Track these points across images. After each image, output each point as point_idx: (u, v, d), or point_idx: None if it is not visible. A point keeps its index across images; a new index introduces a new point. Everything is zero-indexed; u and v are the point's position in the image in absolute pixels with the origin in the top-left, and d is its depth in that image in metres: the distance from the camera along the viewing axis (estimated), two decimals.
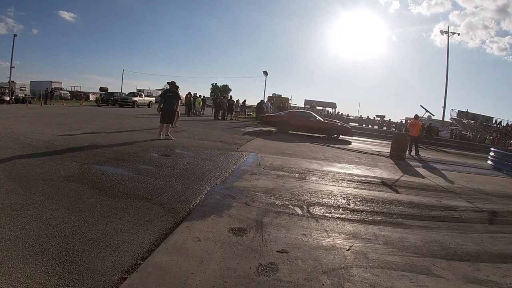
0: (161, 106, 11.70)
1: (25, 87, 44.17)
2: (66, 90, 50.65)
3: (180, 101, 14.23)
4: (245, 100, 36.69)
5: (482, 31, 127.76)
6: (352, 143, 17.95)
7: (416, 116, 16.19)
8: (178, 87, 12.46)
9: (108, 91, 50.32)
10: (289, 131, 19.17)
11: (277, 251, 3.59)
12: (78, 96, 47.99)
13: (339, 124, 20.47)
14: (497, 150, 16.27)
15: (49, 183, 5.28)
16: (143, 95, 41.96)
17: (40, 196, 4.62)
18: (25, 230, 3.53)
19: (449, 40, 48.65)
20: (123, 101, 36.42)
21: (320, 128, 19.24)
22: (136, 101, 36.60)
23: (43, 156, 7.11)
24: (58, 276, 2.76)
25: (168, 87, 12.20)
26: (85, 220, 3.94)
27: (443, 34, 49.15)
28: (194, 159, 8.29)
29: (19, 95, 36.14)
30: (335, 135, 18.95)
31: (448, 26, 55.27)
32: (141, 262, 3.10)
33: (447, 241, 4.57)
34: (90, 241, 3.42)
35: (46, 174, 5.74)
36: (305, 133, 19.33)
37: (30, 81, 48.90)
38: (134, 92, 42.86)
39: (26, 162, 6.48)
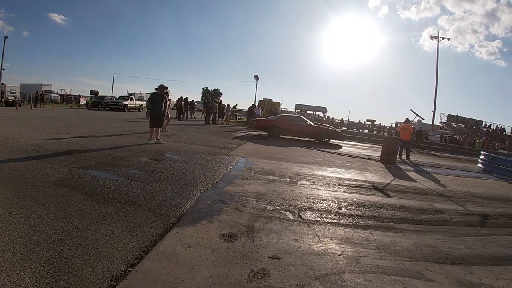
0: (150, 111, 11.59)
1: (15, 90, 43.70)
2: (57, 93, 50.40)
3: (169, 104, 14.25)
4: (236, 105, 36.86)
5: (471, 36, 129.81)
6: (343, 147, 18.04)
7: (407, 120, 16.31)
8: (167, 88, 12.37)
9: (99, 94, 50.21)
10: (280, 136, 19.19)
11: (268, 257, 3.56)
12: (69, 100, 47.77)
13: (329, 128, 20.54)
14: (487, 153, 16.40)
15: (37, 188, 5.21)
16: (134, 98, 41.81)
17: (28, 201, 4.54)
18: (13, 236, 3.46)
19: (438, 45, 49.10)
20: (114, 104, 36.32)
21: (311, 132, 19.32)
22: (127, 104, 36.48)
23: (32, 160, 7.03)
24: (46, 283, 2.71)
25: (154, 92, 12.03)
26: (74, 226, 3.88)
27: (432, 39, 49.61)
28: (184, 164, 8.25)
29: (9, 98, 35.81)
30: (326, 139, 19.03)
31: (438, 32, 55.78)
32: (131, 269, 3.05)
33: (439, 244, 4.57)
34: (78, 247, 3.36)
35: (35, 179, 5.67)
36: (296, 138, 19.39)
37: (21, 84, 48.55)
38: (124, 96, 42.68)
39: (14, 166, 6.41)
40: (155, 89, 12.02)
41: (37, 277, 2.79)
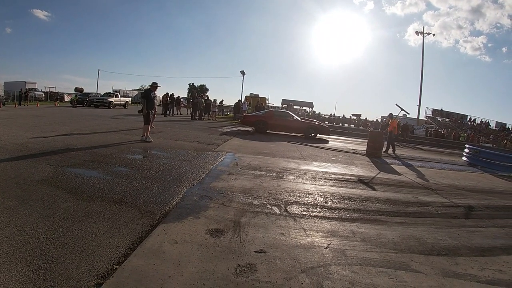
0: (146, 107, 11.48)
1: None
2: (41, 91, 49.58)
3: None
4: (222, 100, 36.84)
5: (456, 31, 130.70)
6: (329, 142, 18.10)
7: (391, 115, 16.38)
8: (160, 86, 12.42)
9: (84, 91, 49.61)
10: (267, 131, 19.18)
11: (255, 252, 3.58)
12: (53, 97, 47.10)
13: (316, 123, 20.62)
14: (472, 146, 16.64)
15: (22, 187, 5.16)
16: (119, 95, 41.42)
17: (13, 201, 4.49)
18: None
19: (424, 40, 49.56)
20: (99, 101, 35.81)
21: (298, 127, 19.36)
22: (112, 101, 36.01)
23: (16, 159, 6.94)
24: (33, 283, 2.70)
25: (148, 88, 12.11)
26: (60, 224, 3.86)
27: (418, 35, 50.11)
28: (170, 160, 8.21)
29: None
30: (312, 134, 19.08)
31: (423, 27, 56.51)
32: (117, 266, 3.04)
33: (425, 236, 4.64)
34: (64, 246, 3.35)
35: (19, 178, 5.60)
36: (283, 133, 19.42)
37: (4, 82, 47.55)
38: (109, 93, 42.13)
39: None
40: (149, 86, 12.19)
41: (24, 277, 2.77)
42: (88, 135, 11.65)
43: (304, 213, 5.13)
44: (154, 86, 12.07)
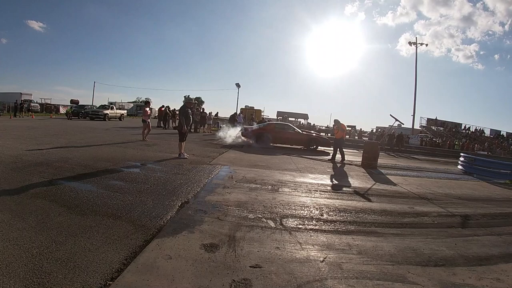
0: (185, 124, 11.36)
1: None
2: (36, 102, 49.54)
3: (150, 113, 14.15)
4: (217, 113, 36.99)
5: (448, 40, 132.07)
6: (326, 154, 18.04)
7: (337, 122, 15.97)
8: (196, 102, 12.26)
9: (79, 103, 49.58)
10: (270, 144, 19.04)
11: (250, 266, 3.54)
12: (48, 109, 47.03)
13: (314, 135, 20.63)
14: (467, 155, 16.73)
15: (16, 200, 5.12)
16: (115, 108, 41.48)
17: (7, 214, 4.46)
18: None
19: (417, 51, 49.99)
20: (94, 114, 35.98)
21: (299, 139, 19.41)
22: (108, 114, 36.14)
23: (10, 171, 6.91)
24: None
25: (184, 105, 11.80)
26: (53, 239, 3.82)
27: (411, 45, 50.45)
28: (165, 174, 8.18)
29: None
30: (313, 146, 19.15)
31: (416, 37, 56.91)
32: (111, 282, 3.00)
33: (421, 247, 4.62)
34: (58, 261, 3.30)
35: (13, 191, 5.56)
36: (283, 145, 19.40)
37: None
38: (105, 105, 42.30)
39: None
40: (185, 102, 12.01)
41: None
42: (83, 148, 11.64)
43: (300, 226, 5.10)
44: (189, 102, 11.99)
